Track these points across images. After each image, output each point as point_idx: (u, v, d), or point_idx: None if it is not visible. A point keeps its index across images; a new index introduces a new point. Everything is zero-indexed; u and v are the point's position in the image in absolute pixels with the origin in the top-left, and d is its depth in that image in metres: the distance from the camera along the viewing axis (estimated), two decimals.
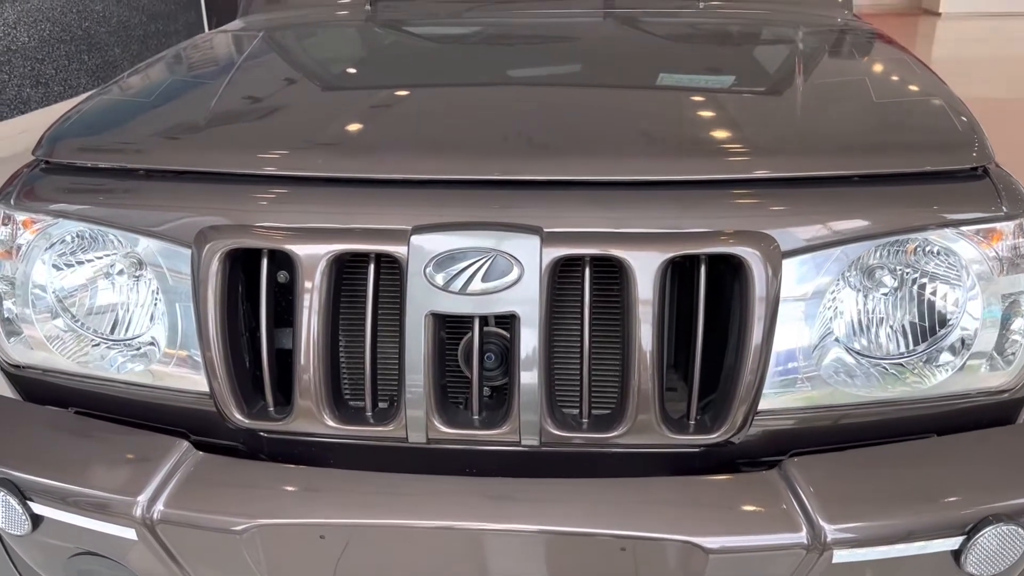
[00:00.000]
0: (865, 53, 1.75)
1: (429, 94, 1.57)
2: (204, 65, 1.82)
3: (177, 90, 1.59)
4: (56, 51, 5.83)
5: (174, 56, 1.84)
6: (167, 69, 1.75)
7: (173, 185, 1.31)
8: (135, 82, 1.65)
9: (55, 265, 1.34)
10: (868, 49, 1.77)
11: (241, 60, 1.74)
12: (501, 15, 2.06)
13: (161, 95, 1.55)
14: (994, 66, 7.52)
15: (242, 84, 1.59)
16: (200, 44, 1.94)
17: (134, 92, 1.60)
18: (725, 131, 1.34)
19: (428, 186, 1.26)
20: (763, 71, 1.65)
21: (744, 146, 1.28)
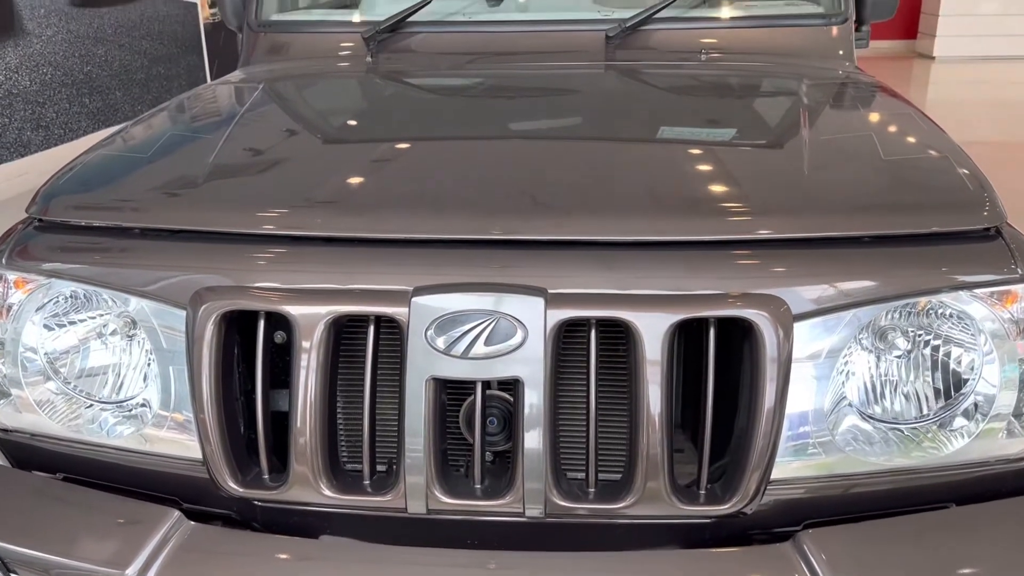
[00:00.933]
0: (871, 107, 1.74)
1: (430, 150, 1.55)
2: (202, 119, 1.80)
3: (175, 145, 1.57)
4: (57, 95, 5.86)
5: (172, 109, 1.82)
6: (165, 123, 1.73)
7: (169, 244, 1.28)
8: (132, 136, 1.63)
9: (46, 325, 1.31)
10: (874, 103, 1.76)
11: (240, 114, 1.72)
12: (503, 67, 2.05)
13: (158, 150, 1.53)
14: (989, 109, 7.59)
15: (240, 139, 1.57)
16: (199, 96, 1.93)
17: (131, 147, 1.58)
18: (732, 190, 1.31)
19: (429, 246, 1.23)
20: (770, 127, 1.63)
21: (752, 206, 1.26)
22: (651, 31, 2.06)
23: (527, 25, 2.13)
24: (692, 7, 2.10)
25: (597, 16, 2.11)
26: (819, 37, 2.07)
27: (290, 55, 2.20)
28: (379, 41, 2.11)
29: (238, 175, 1.45)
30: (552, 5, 2.20)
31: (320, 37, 2.20)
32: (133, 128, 1.68)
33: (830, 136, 1.52)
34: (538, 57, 2.06)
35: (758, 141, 1.54)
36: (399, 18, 2.09)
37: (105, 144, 1.59)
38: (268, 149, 1.55)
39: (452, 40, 2.12)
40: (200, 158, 1.46)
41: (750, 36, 2.07)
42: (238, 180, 1.43)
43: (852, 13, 2.09)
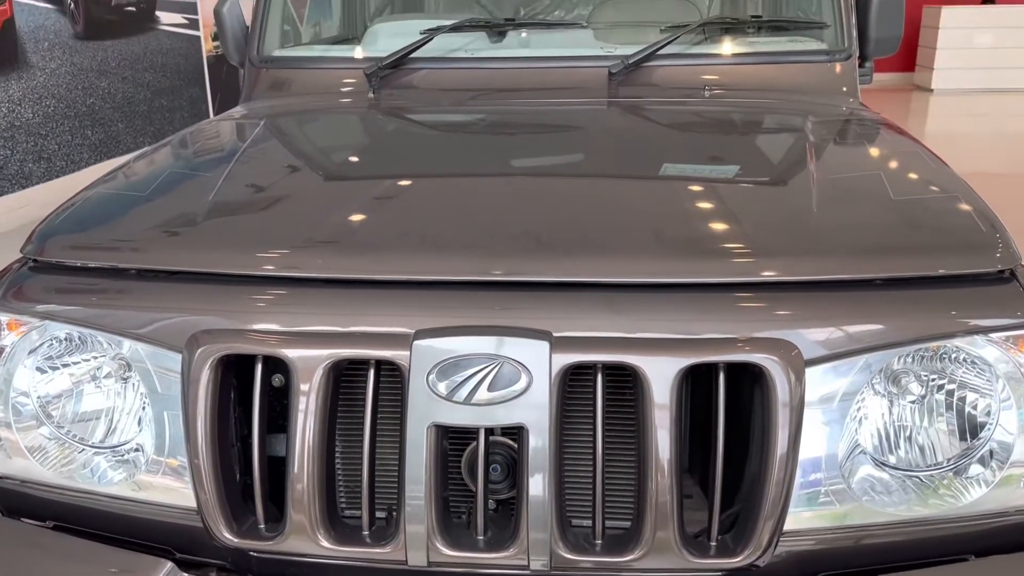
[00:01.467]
0: (878, 145, 1.72)
1: (432, 188, 1.53)
2: (202, 156, 1.78)
3: (173, 183, 1.55)
4: (60, 127, 5.87)
5: (172, 146, 1.81)
6: (164, 160, 1.71)
7: (165, 286, 1.25)
8: (130, 174, 1.61)
9: (39, 368, 1.28)
10: (881, 141, 1.74)
11: (240, 151, 1.71)
12: (505, 104, 2.04)
13: (157, 189, 1.51)
14: (989, 141, 7.63)
15: (240, 177, 1.55)
16: (199, 133, 1.91)
17: (129, 185, 1.56)
18: (740, 230, 1.29)
19: (431, 288, 1.20)
20: (776, 165, 1.61)
21: (761, 247, 1.23)
22: (654, 67, 2.05)
23: (529, 62, 2.12)
24: (695, 44, 2.09)
25: (600, 52, 2.10)
26: (823, 73, 2.06)
27: (292, 91, 2.19)
28: (381, 77, 2.10)
29: (237, 215, 1.43)
30: (555, 41, 2.20)
31: (322, 73, 2.19)
32: (131, 166, 1.66)
33: (838, 175, 1.50)
34: (541, 94, 2.05)
35: (765, 180, 1.53)
36: (401, 54, 2.08)
37: (103, 182, 1.57)
38: (268, 188, 1.53)
39: (454, 76, 2.11)
40: (199, 197, 1.44)
41: (753, 72, 2.06)
42: (236, 220, 1.41)
43: (855, 50, 2.08)
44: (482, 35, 2.17)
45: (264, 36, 2.23)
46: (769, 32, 2.18)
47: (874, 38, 2.11)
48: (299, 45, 2.39)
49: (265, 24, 2.23)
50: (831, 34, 2.10)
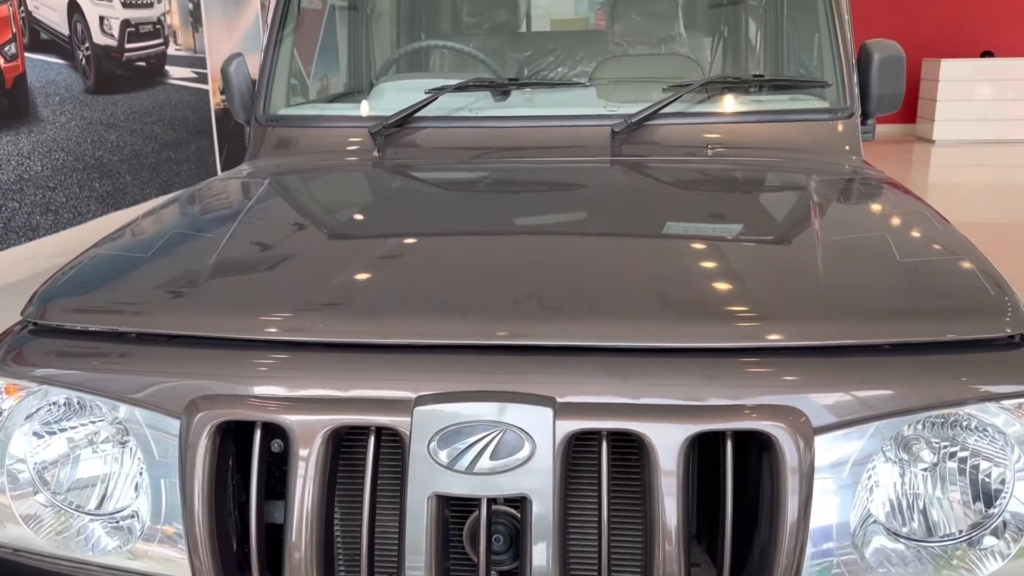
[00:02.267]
0: (883, 205, 1.72)
1: (435, 250, 1.53)
2: (206, 217, 1.79)
3: (176, 245, 1.55)
4: (68, 179, 5.92)
5: (175, 206, 1.81)
6: (167, 221, 1.72)
7: (164, 350, 1.24)
8: (133, 235, 1.61)
9: (36, 433, 1.26)
10: (886, 200, 1.74)
11: (244, 211, 1.71)
12: (509, 162, 2.05)
13: (159, 251, 1.50)
14: (991, 192, 7.66)
15: (243, 239, 1.55)
16: (203, 193, 1.92)
17: (131, 247, 1.56)
18: (746, 294, 1.28)
19: (433, 351, 1.19)
20: (781, 226, 1.61)
21: (767, 311, 1.22)
22: (657, 126, 2.06)
23: (533, 120, 2.13)
24: (698, 102, 2.11)
25: (602, 111, 2.12)
26: (825, 132, 2.07)
27: (297, 149, 2.20)
28: (386, 136, 2.11)
29: (238, 277, 1.42)
30: (557, 100, 2.22)
31: (327, 131, 2.21)
32: (135, 226, 1.66)
33: (843, 236, 1.49)
34: (544, 152, 2.06)
35: (770, 241, 1.52)
36: (406, 113, 2.10)
37: (105, 243, 1.57)
38: (270, 249, 1.53)
39: (459, 135, 2.13)
40: (201, 259, 1.44)
41: (756, 131, 2.07)
42: (238, 283, 1.41)
43: (858, 108, 2.09)
44: (486, 94, 2.19)
45: (270, 95, 2.25)
46: (771, 91, 2.20)
47: (876, 96, 2.12)
48: (305, 104, 2.41)
49: (271, 83, 2.26)
50: (833, 93, 2.11)
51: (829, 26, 2.13)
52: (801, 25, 2.44)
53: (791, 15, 2.55)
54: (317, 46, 2.74)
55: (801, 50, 2.44)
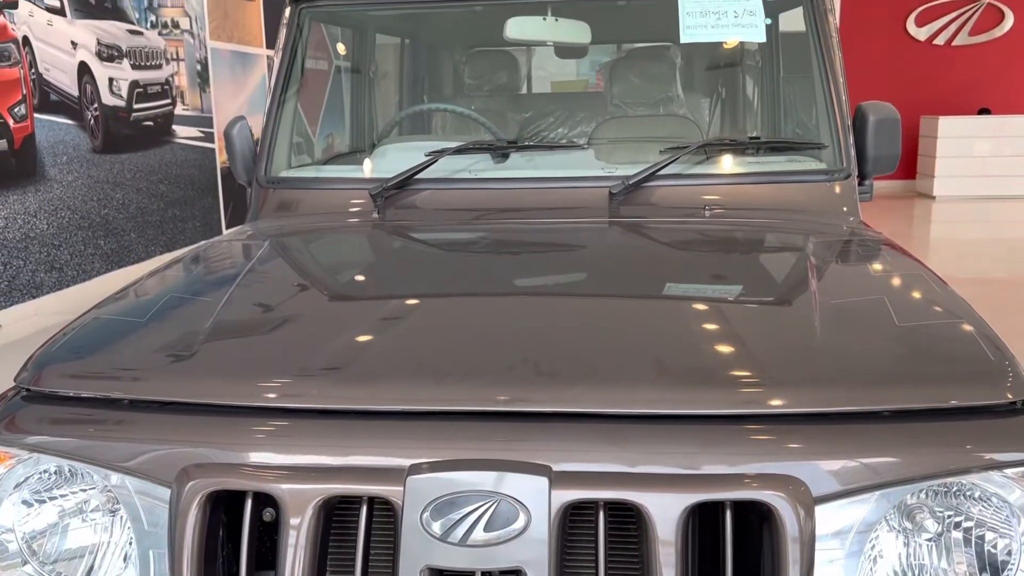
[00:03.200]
0: (882, 268, 1.71)
1: (431, 314, 1.52)
2: (203, 281, 1.79)
3: (172, 310, 1.55)
4: (73, 237, 5.96)
5: (173, 270, 1.82)
6: (165, 285, 1.72)
7: (157, 417, 1.23)
8: (130, 300, 1.61)
9: (26, 502, 1.24)
10: (884, 263, 1.73)
11: (241, 275, 1.71)
12: (508, 224, 2.06)
13: (155, 315, 1.50)
14: (991, 248, 7.68)
15: (238, 303, 1.54)
16: (201, 256, 1.92)
17: (127, 311, 1.55)
18: (745, 360, 1.27)
19: (426, 418, 1.18)
20: (778, 290, 1.60)
21: (766, 378, 1.21)
22: (654, 187, 2.07)
23: (532, 182, 2.15)
24: (695, 164, 2.12)
25: (600, 173, 2.13)
26: (823, 193, 2.08)
27: (298, 211, 2.22)
28: (386, 197, 2.13)
29: (232, 343, 1.42)
30: (556, 162, 2.24)
31: (329, 193, 2.23)
32: (131, 290, 1.66)
33: (842, 299, 1.49)
34: (543, 213, 2.07)
35: (768, 305, 1.51)
36: (406, 176, 2.12)
37: (101, 307, 1.57)
38: (266, 313, 1.53)
39: (458, 196, 2.14)
40: (196, 324, 1.44)
41: (753, 192, 2.09)
42: (232, 348, 1.40)
43: (854, 169, 2.10)
44: (486, 156, 2.21)
45: (272, 157, 2.28)
46: (768, 152, 2.21)
47: (872, 157, 2.14)
48: (306, 165, 2.43)
49: (273, 145, 2.28)
50: (830, 154, 2.13)
51: (824, 89, 2.16)
52: (797, 87, 2.47)
53: (787, 76, 2.59)
54: (322, 106, 2.79)
55: (797, 111, 2.47)
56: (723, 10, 2.20)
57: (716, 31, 2.21)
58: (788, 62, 2.55)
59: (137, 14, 6.69)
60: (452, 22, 3.09)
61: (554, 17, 2.35)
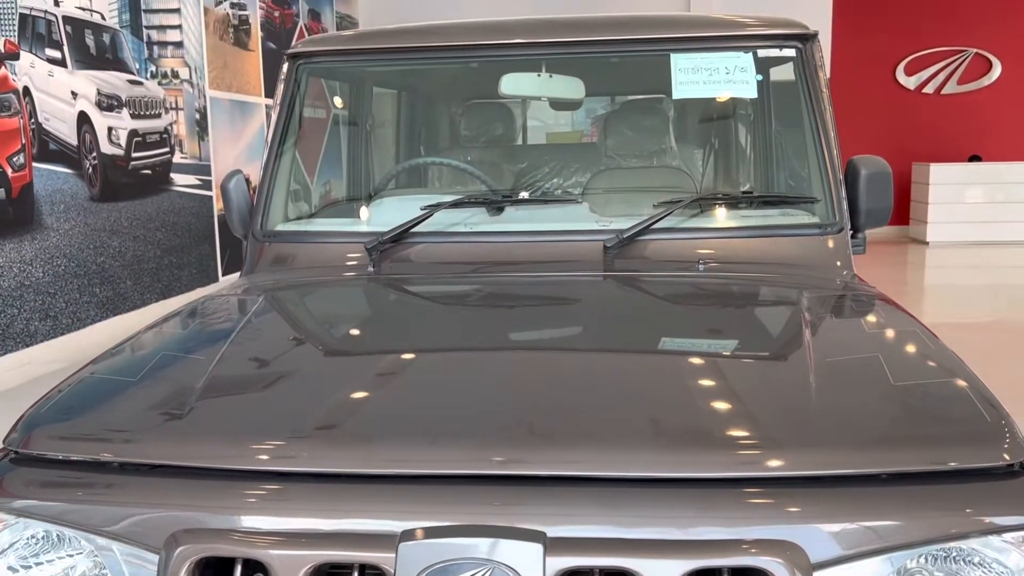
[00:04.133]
0: (877, 324, 1.71)
1: (425, 373, 1.52)
2: (197, 338, 1.78)
3: (164, 369, 1.54)
4: (68, 285, 5.95)
5: (167, 326, 1.81)
6: (157, 342, 1.71)
7: (147, 480, 1.22)
8: (121, 358, 1.60)
9: (11, 568, 1.22)
10: (879, 319, 1.74)
11: (235, 333, 1.70)
12: (502, 277, 2.06)
13: (147, 374, 1.49)
14: (984, 293, 7.70)
15: (232, 362, 1.54)
16: (195, 312, 1.92)
17: (119, 370, 1.54)
18: (742, 421, 1.26)
19: (419, 482, 1.17)
20: (776, 348, 1.60)
21: (763, 439, 1.20)
22: (648, 241, 2.08)
23: (527, 235, 2.16)
24: (689, 217, 2.13)
25: (595, 226, 2.14)
26: (816, 247, 2.09)
27: (294, 264, 2.22)
28: (382, 251, 2.13)
29: (224, 404, 1.40)
30: (551, 215, 2.25)
31: (324, 247, 2.23)
32: (124, 347, 1.65)
33: (837, 357, 1.48)
34: (537, 267, 2.07)
35: (763, 364, 1.51)
36: (402, 229, 2.12)
37: (93, 366, 1.56)
38: (258, 373, 1.52)
39: (454, 250, 2.15)
40: (188, 384, 1.43)
41: (747, 246, 2.09)
42: (223, 410, 1.39)
43: (847, 223, 2.12)
44: (481, 209, 2.22)
45: (268, 211, 2.29)
46: (761, 206, 2.23)
47: (864, 210, 2.15)
48: (302, 219, 2.44)
49: (270, 199, 2.29)
50: (822, 208, 2.14)
51: (816, 143, 2.18)
52: (789, 140, 2.50)
53: (779, 129, 2.62)
54: (319, 159, 2.81)
55: (789, 164, 2.49)
56: (715, 67, 2.23)
57: (708, 87, 2.24)
58: (780, 114, 2.58)
59: (137, 64, 6.77)
60: (448, 76, 3.13)
61: (548, 73, 2.38)
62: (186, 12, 7.44)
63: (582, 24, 2.32)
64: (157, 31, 7.13)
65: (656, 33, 2.26)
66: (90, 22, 6.20)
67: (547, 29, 2.32)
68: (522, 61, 2.38)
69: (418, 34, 2.38)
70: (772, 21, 2.30)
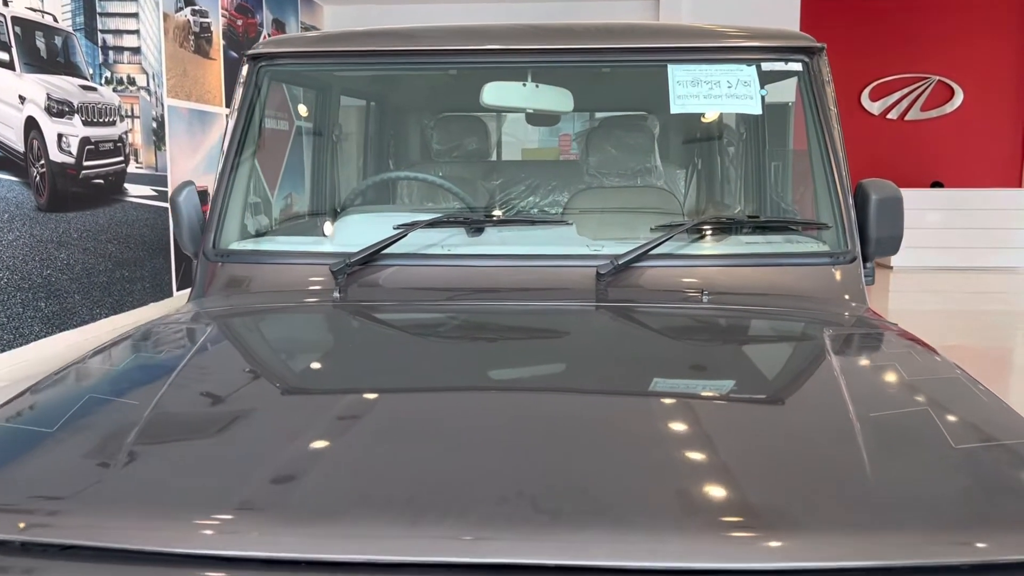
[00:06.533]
0: (916, 371, 1.48)
1: (401, 430, 1.26)
2: (129, 378, 1.51)
3: (86, 418, 1.29)
4: (11, 299, 5.63)
5: (96, 362, 1.55)
6: (83, 384, 1.45)
7: (57, 565, 0.98)
8: (39, 403, 1.35)
9: None
10: (917, 365, 1.52)
11: (176, 372, 1.44)
12: (482, 308, 1.85)
13: (65, 425, 1.24)
14: (948, 317, 7.72)
15: (168, 411, 1.28)
16: (133, 346, 1.66)
17: (33, 419, 1.29)
18: (792, 497, 1.05)
19: (396, 571, 0.95)
20: (812, 403, 1.38)
21: (815, 521, 1.00)
22: (646, 268, 1.89)
23: (510, 260, 1.95)
24: (690, 242, 1.95)
25: (586, 251, 1.95)
26: (826, 278, 1.91)
27: (249, 288, 1.98)
28: (349, 274, 1.91)
29: (157, 466, 1.16)
30: (537, 238, 2.04)
31: (284, 269, 2.00)
32: (41, 390, 1.40)
33: (881, 413, 1.28)
34: (522, 295, 1.86)
35: (802, 422, 1.29)
36: (373, 251, 1.90)
37: (11, 409, 1.31)
38: (201, 426, 1.27)
39: (429, 274, 1.93)
40: (114, 439, 1.18)
41: (750, 275, 1.91)
42: (155, 473, 1.14)
43: (859, 252, 1.95)
44: (459, 230, 2.01)
45: (222, 228, 2.05)
46: (766, 232, 2.05)
47: (875, 238, 1.98)
48: (260, 236, 2.20)
49: (224, 215, 2.05)
50: (832, 235, 1.97)
51: (826, 165, 2.01)
52: (792, 161, 2.33)
53: (783, 150, 2.45)
54: (280, 171, 2.58)
55: (791, 186, 2.32)
56: (715, 80, 2.05)
57: (708, 102, 2.06)
58: (784, 133, 2.42)
59: (91, 69, 6.49)
60: (423, 85, 2.92)
61: (535, 83, 2.18)
62: (144, 17, 7.17)
63: (572, 31, 2.13)
64: (113, 35, 6.85)
65: (653, 42, 2.08)
66: (41, 24, 5.92)
67: (534, 35, 2.12)
68: (506, 69, 2.18)
69: (392, 37, 2.17)
70: (777, 33, 2.13)
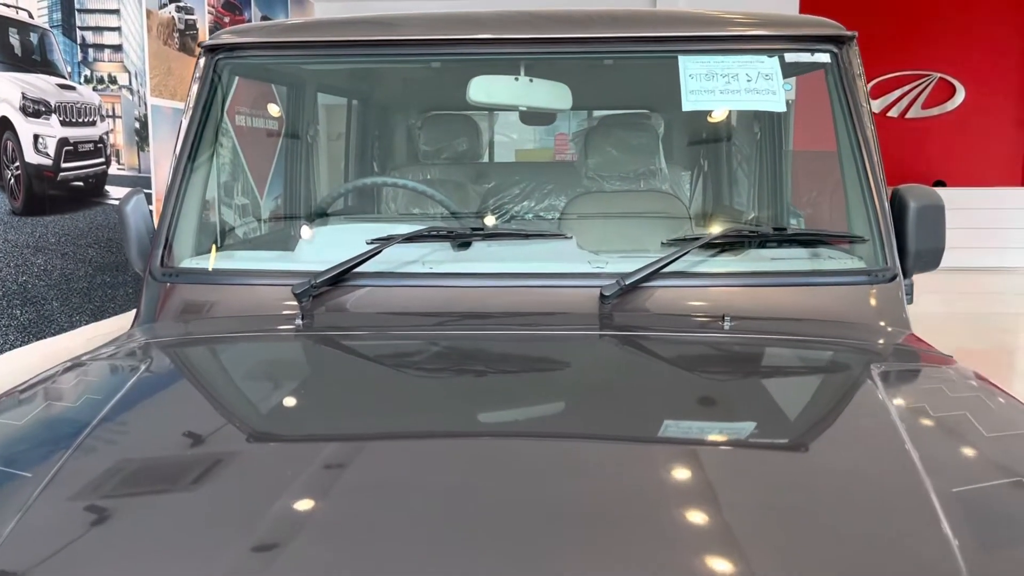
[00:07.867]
0: (986, 418, 1.24)
1: (375, 504, 1.01)
2: (39, 428, 1.24)
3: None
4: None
5: (14, 404, 1.29)
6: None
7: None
8: None
9: None
10: (985, 408, 1.28)
11: (92, 425, 1.17)
12: (472, 334, 1.60)
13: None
14: (956, 319, 7.60)
15: (68, 485, 1.02)
16: (49, 386, 1.39)
17: None
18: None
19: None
20: (873, 456, 1.12)
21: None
22: (656, 288, 1.64)
23: (501, 279, 1.69)
24: (707, 258, 1.70)
25: (588, 269, 1.70)
26: (863, 299, 1.67)
27: (200, 312, 1.72)
28: (315, 296, 1.66)
29: (51, 542, 0.91)
30: (532, 254, 1.78)
31: (240, 290, 1.73)
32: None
33: (957, 473, 1.04)
34: (515, 321, 1.61)
35: (868, 485, 1.03)
36: (342, 269, 1.65)
37: None
38: (105, 503, 1.02)
39: (407, 296, 1.68)
40: (9, 503, 0.93)
41: (775, 297, 1.67)
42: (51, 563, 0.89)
43: (899, 269, 1.70)
44: (444, 244, 1.76)
45: (171, 243, 1.79)
46: (793, 246, 1.79)
47: (914, 251, 1.74)
48: (216, 252, 1.93)
49: (174, 228, 1.79)
50: (869, 249, 1.72)
51: (860, 170, 1.76)
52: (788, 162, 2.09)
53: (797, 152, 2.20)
54: (240, 178, 2.32)
55: (818, 194, 2.07)
56: (733, 73, 1.81)
57: (724, 98, 1.81)
58: (814, 132, 2.16)
59: (70, 67, 6.25)
60: (404, 80, 2.66)
61: (528, 77, 1.93)
62: (126, 13, 6.93)
63: (571, 19, 1.88)
64: (93, 32, 6.62)
65: (661, 30, 1.83)
66: (15, 20, 5.68)
67: (528, 23, 1.87)
68: (496, 61, 1.93)
69: (368, 25, 1.92)
70: (802, 20, 1.89)
